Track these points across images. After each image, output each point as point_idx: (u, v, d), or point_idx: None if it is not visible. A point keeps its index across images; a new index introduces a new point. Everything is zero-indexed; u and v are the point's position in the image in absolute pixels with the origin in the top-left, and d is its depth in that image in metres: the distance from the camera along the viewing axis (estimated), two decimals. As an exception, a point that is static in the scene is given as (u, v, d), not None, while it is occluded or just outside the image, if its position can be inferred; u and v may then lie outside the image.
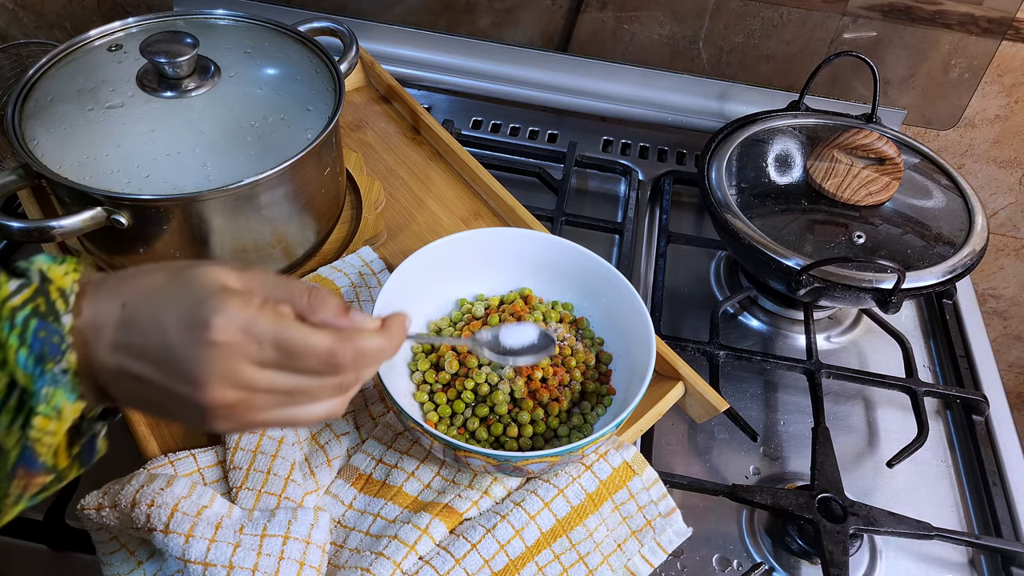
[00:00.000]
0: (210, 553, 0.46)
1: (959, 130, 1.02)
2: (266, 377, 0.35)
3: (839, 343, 0.78)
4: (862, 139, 0.75)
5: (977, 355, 0.77)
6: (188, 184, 0.53)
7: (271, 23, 0.66)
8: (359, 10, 0.98)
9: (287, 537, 0.48)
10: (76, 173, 0.53)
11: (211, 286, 0.35)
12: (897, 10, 0.89)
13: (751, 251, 0.69)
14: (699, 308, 0.79)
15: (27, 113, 0.57)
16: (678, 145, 0.97)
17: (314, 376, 0.36)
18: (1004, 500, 0.65)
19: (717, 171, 0.76)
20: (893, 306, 0.66)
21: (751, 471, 0.66)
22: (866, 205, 0.73)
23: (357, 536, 0.52)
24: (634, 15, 0.95)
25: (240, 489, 0.51)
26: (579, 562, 0.51)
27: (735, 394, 0.71)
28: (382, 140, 0.81)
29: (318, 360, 0.36)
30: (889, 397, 0.72)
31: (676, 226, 0.85)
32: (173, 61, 0.56)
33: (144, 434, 0.55)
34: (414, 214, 0.74)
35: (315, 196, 0.62)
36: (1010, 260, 1.17)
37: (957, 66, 0.93)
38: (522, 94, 0.99)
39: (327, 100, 0.61)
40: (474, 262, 0.61)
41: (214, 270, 0.36)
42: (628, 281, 0.57)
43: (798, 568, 0.60)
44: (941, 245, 0.70)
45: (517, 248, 0.61)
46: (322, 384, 0.37)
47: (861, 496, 0.64)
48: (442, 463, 0.55)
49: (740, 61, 0.98)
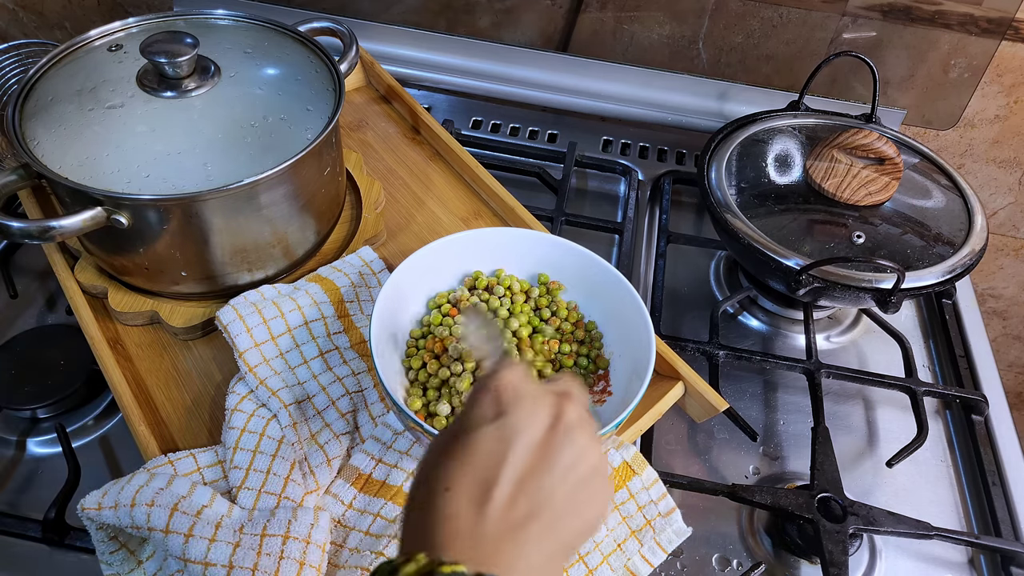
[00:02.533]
0: (210, 553, 0.46)
1: (959, 130, 1.02)
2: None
3: (839, 343, 0.78)
4: (862, 139, 0.75)
5: (976, 355, 0.77)
6: (188, 184, 0.53)
7: (271, 23, 0.66)
8: (359, 10, 0.98)
9: (287, 537, 0.48)
10: (76, 173, 0.53)
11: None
12: (897, 10, 0.90)
13: (751, 251, 0.69)
14: (699, 308, 0.79)
15: (27, 113, 0.57)
16: (678, 145, 0.97)
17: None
18: (1003, 500, 0.65)
19: (717, 171, 0.76)
20: (893, 306, 0.66)
21: (751, 471, 0.66)
22: (866, 205, 0.73)
23: (357, 536, 0.52)
24: (634, 15, 0.95)
25: (240, 489, 0.51)
26: (579, 562, 0.51)
27: (735, 394, 0.71)
28: (382, 140, 0.81)
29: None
30: (889, 397, 0.72)
31: (676, 226, 0.85)
32: (173, 61, 0.56)
33: (144, 434, 0.55)
34: (414, 214, 0.74)
35: (315, 196, 0.62)
36: (1009, 260, 1.17)
37: (957, 66, 0.93)
38: (522, 94, 0.99)
39: (327, 100, 0.61)
40: (474, 262, 0.61)
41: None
42: (628, 281, 0.57)
43: (798, 568, 0.60)
44: (941, 245, 0.70)
45: (517, 248, 0.61)
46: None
47: (861, 496, 0.64)
48: (442, 463, 0.55)
49: (740, 61, 0.98)
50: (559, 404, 0.36)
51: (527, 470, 0.33)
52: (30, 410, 0.62)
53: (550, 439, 0.34)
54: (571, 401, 0.36)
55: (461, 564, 0.29)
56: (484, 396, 0.36)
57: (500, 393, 0.36)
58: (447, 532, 0.31)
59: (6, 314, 0.71)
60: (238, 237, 0.59)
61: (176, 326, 0.61)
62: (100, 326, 0.61)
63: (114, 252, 0.60)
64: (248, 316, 0.58)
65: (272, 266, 0.63)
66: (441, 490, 0.32)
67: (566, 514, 0.33)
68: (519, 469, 0.32)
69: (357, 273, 0.64)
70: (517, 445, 0.33)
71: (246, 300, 0.59)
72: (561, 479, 0.33)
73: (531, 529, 0.31)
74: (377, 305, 0.53)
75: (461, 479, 0.32)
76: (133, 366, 0.60)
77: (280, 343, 0.58)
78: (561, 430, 0.35)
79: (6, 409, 0.61)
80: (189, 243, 0.57)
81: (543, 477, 0.33)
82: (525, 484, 0.32)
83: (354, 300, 0.62)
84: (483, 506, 0.31)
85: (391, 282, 0.55)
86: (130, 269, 0.60)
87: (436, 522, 0.31)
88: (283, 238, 0.62)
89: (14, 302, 0.72)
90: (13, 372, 0.63)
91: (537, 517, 0.32)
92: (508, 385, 0.36)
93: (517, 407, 0.35)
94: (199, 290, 0.61)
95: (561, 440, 0.34)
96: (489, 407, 0.35)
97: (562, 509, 0.33)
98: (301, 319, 0.59)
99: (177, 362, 0.61)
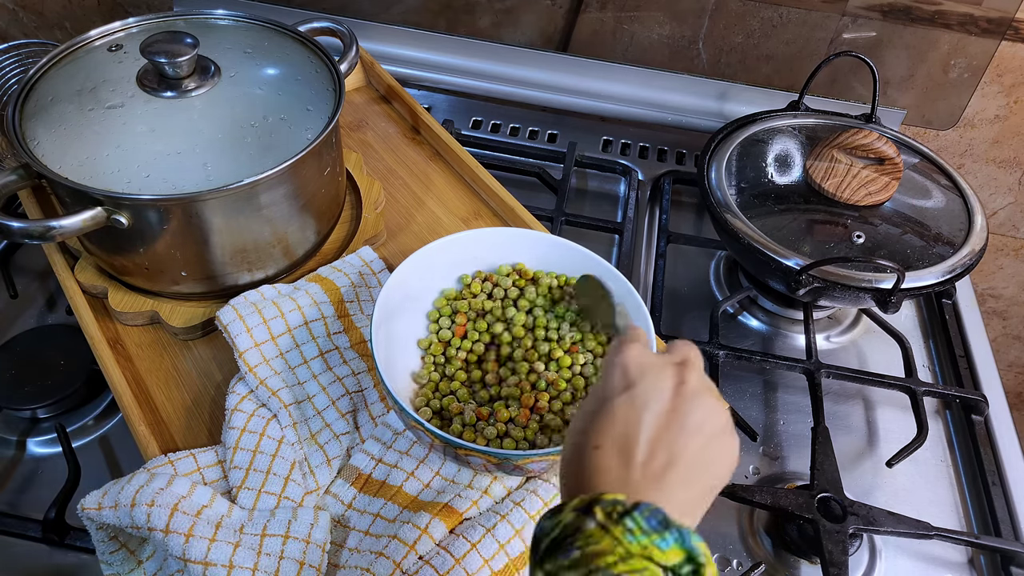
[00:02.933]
0: (210, 552, 0.46)
1: (958, 130, 1.02)
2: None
3: (839, 343, 0.78)
4: (861, 139, 0.75)
5: (976, 355, 0.77)
6: (188, 184, 0.54)
7: (271, 23, 0.66)
8: (359, 10, 0.98)
9: (287, 536, 0.48)
10: (76, 173, 0.53)
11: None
12: (897, 10, 0.90)
13: (751, 251, 0.70)
14: (699, 308, 0.79)
15: (27, 113, 0.57)
16: (678, 145, 0.97)
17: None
18: (1003, 500, 0.65)
19: (717, 171, 0.76)
20: (892, 306, 0.66)
21: (751, 471, 0.66)
22: (865, 205, 0.73)
23: (357, 535, 0.52)
24: (634, 15, 0.95)
25: (240, 489, 0.51)
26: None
27: (735, 394, 0.71)
28: (382, 140, 0.81)
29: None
30: (888, 397, 0.72)
31: (676, 226, 0.85)
32: (173, 61, 0.56)
33: (144, 434, 0.55)
34: (414, 214, 0.74)
35: (315, 196, 0.62)
36: (1009, 260, 1.17)
37: (956, 66, 0.93)
38: (522, 94, 0.99)
39: (327, 100, 0.61)
40: (474, 262, 0.61)
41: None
42: (628, 281, 0.57)
43: (798, 568, 0.60)
44: (940, 245, 0.70)
45: (517, 248, 0.61)
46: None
47: (861, 496, 0.64)
48: (442, 463, 0.55)
49: (740, 61, 0.98)
50: (680, 372, 0.40)
51: (660, 430, 0.37)
52: (30, 410, 0.62)
53: (676, 405, 0.38)
54: (690, 368, 0.40)
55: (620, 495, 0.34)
56: (613, 371, 0.40)
57: (627, 367, 0.40)
58: (601, 482, 0.36)
59: (6, 314, 0.71)
60: (238, 237, 0.59)
61: (176, 326, 0.61)
62: (100, 326, 0.61)
63: (114, 252, 0.60)
64: (248, 316, 0.58)
65: (272, 266, 0.63)
66: (591, 448, 0.38)
67: (700, 464, 0.37)
68: (652, 430, 0.37)
69: (357, 273, 0.64)
70: (647, 412, 0.38)
71: (246, 300, 0.59)
72: (691, 436, 0.38)
73: (670, 477, 0.36)
74: (378, 304, 0.53)
75: (607, 439, 0.37)
76: (133, 366, 0.60)
77: (280, 343, 0.58)
78: (685, 395, 0.39)
79: (6, 409, 0.61)
80: (189, 243, 0.57)
81: (677, 436, 0.37)
82: (661, 441, 0.37)
83: (354, 300, 0.62)
84: (628, 460, 0.37)
85: (392, 282, 0.55)
86: (130, 269, 0.60)
87: (591, 474, 0.37)
88: (283, 238, 0.62)
89: (14, 302, 0.72)
90: (13, 372, 0.63)
91: (674, 466, 0.36)
92: (632, 359, 0.40)
93: (643, 379, 0.39)
94: (199, 290, 0.62)
95: (686, 404, 0.38)
96: (620, 380, 0.40)
97: (695, 460, 0.37)
98: (301, 319, 0.59)
99: (177, 362, 0.61)
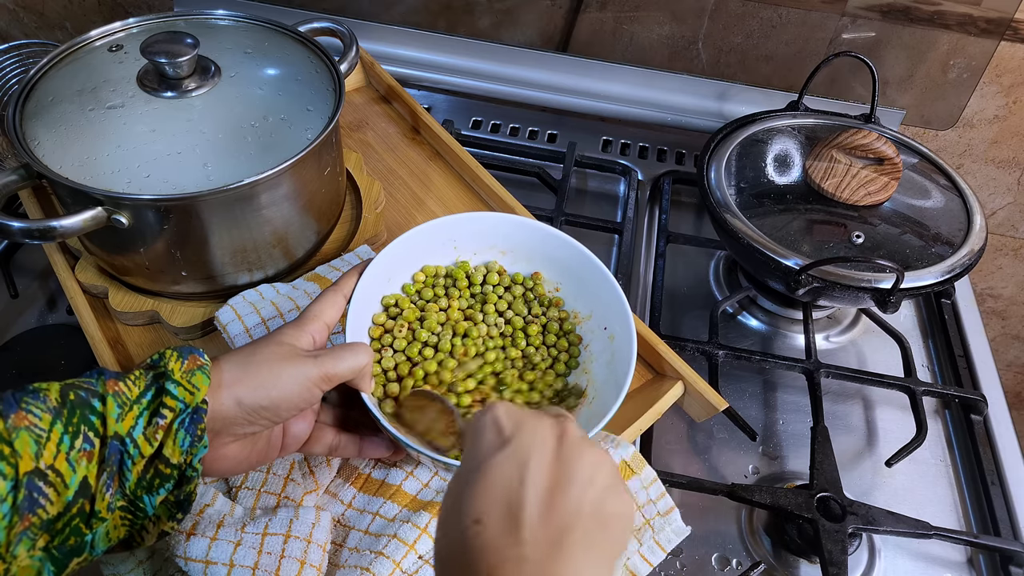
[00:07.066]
0: (211, 551, 0.46)
1: (958, 130, 1.02)
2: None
3: (838, 343, 0.78)
4: (861, 139, 0.75)
5: (976, 355, 0.77)
6: (188, 184, 0.54)
7: (271, 23, 0.66)
8: (359, 10, 0.98)
9: (288, 536, 0.48)
10: (77, 173, 0.53)
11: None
12: (896, 10, 0.90)
13: (750, 251, 0.70)
14: (698, 308, 0.79)
15: (28, 113, 0.57)
16: (677, 145, 0.97)
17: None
18: (1003, 499, 0.65)
19: (716, 171, 0.76)
20: (892, 306, 0.66)
21: (750, 470, 0.66)
22: (865, 205, 0.73)
23: (357, 535, 0.52)
24: (633, 15, 0.95)
25: (240, 488, 0.51)
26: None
27: (734, 393, 0.72)
28: (382, 140, 0.81)
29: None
30: (888, 397, 0.73)
31: (675, 226, 0.85)
32: (173, 61, 0.56)
33: (144, 433, 0.54)
34: (414, 214, 0.74)
35: (315, 196, 0.62)
36: (1008, 260, 1.17)
37: (956, 66, 0.93)
38: (522, 94, 0.99)
39: (327, 100, 0.61)
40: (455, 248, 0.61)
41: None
42: (610, 271, 0.56)
43: (797, 567, 0.60)
44: (940, 245, 0.70)
45: (499, 232, 0.60)
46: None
47: (860, 495, 0.64)
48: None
49: (739, 61, 0.98)
50: (560, 423, 0.36)
51: (549, 486, 0.32)
52: (30, 410, 0.62)
53: (562, 454, 0.34)
54: (567, 420, 0.37)
55: None
56: (484, 430, 0.36)
57: (499, 421, 0.36)
58: (489, 565, 0.30)
59: (7, 314, 0.71)
60: (238, 237, 0.59)
61: (176, 326, 0.61)
62: (101, 326, 0.61)
63: (114, 252, 0.60)
64: (247, 316, 0.58)
65: (272, 266, 0.63)
66: (470, 525, 0.31)
67: (599, 524, 0.32)
68: (541, 487, 0.32)
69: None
70: (532, 464, 0.33)
71: (244, 300, 0.59)
72: (584, 489, 0.33)
73: (569, 542, 0.31)
74: (355, 297, 0.52)
75: (488, 507, 0.32)
76: (134, 366, 0.60)
77: (280, 343, 0.58)
78: (570, 444, 0.34)
79: (7, 409, 0.61)
80: (189, 243, 0.57)
81: (568, 490, 0.32)
82: (552, 500, 0.32)
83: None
84: (517, 531, 0.31)
85: (370, 271, 0.54)
86: (130, 269, 0.60)
87: (475, 558, 0.30)
88: (283, 238, 0.62)
89: (15, 302, 0.72)
90: (13, 372, 0.63)
91: (571, 530, 0.31)
92: (503, 413, 0.36)
93: (520, 430, 0.35)
94: (200, 290, 0.62)
95: (573, 453, 0.34)
96: (493, 436, 0.35)
97: (593, 519, 0.32)
98: (301, 319, 0.59)
99: (177, 362, 0.61)
